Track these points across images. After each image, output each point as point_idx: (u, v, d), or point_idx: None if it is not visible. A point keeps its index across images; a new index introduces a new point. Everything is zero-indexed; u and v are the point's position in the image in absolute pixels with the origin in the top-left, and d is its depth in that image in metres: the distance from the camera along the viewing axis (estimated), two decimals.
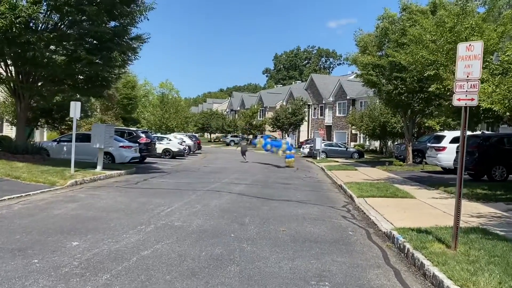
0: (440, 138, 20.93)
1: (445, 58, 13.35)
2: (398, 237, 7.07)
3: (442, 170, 20.97)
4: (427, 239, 6.67)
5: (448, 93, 13.45)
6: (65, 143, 19.23)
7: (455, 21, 13.35)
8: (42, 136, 33.23)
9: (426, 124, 32.13)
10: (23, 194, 10.51)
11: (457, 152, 17.46)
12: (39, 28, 14.87)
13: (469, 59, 6.14)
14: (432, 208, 10.47)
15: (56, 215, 8.16)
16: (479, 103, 8.96)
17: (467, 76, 6.17)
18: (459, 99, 6.26)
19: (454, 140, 19.59)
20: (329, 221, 8.90)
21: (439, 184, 15.20)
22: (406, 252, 6.45)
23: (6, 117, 23.36)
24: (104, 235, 6.68)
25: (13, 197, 10.06)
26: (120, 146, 19.80)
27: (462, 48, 6.25)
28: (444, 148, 20.04)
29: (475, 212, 9.74)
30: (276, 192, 13.25)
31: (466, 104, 6.18)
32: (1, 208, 8.69)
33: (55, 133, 28.89)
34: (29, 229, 6.93)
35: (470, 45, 6.16)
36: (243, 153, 29.49)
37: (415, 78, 21.44)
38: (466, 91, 6.16)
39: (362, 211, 10.31)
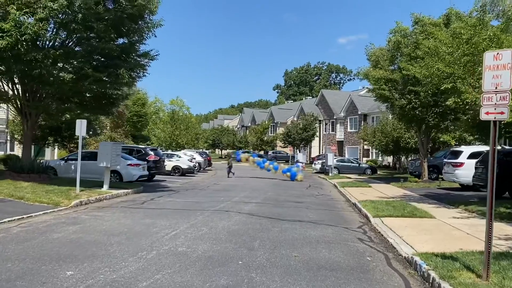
0: (457, 154, 20.20)
1: (462, 70, 12.80)
2: (421, 263, 6.46)
3: (460, 186, 20.19)
4: (454, 267, 6.06)
5: (467, 107, 12.88)
6: (73, 161, 18.94)
7: (472, 32, 12.82)
8: (53, 154, 33.17)
9: (441, 139, 31.38)
10: (25, 216, 10.12)
11: (475, 168, 16.78)
12: (46, 45, 14.69)
13: (497, 69, 5.61)
14: (454, 229, 9.81)
15: (55, 239, 7.71)
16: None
17: (496, 88, 5.63)
18: (487, 113, 5.71)
19: (472, 156, 18.89)
20: (344, 244, 8.31)
21: (459, 202, 14.49)
22: (431, 281, 5.84)
23: (16, 136, 23.22)
24: (101, 263, 6.19)
25: (14, 219, 9.67)
26: (128, 164, 19.47)
27: (489, 57, 5.72)
28: (461, 164, 19.30)
29: (502, 234, 9.06)
30: (287, 211, 12.68)
31: (495, 118, 5.63)
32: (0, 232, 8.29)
33: (65, 151, 28.79)
34: (23, 255, 6.48)
35: (498, 53, 5.63)
36: (229, 168, 29.43)
37: (429, 92, 20.86)
38: (495, 103, 5.61)
39: (379, 232, 9.70)
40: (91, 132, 24.86)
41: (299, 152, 46.85)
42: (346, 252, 7.63)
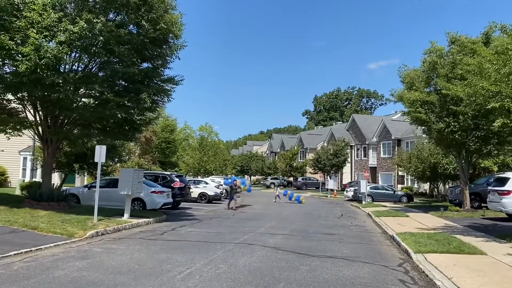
0: (503, 181, 18.49)
1: (511, 89, 11.55)
2: None
3: (507, 216, 18.43)
4: None
5: None
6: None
7: None
8: (82, 181, 33.14)
9: (482, 165, 29.45)
10: (33, 249, 9.42)
11: None
12: (66, 69, 14.39)
13: None
14: None
15: (55, 279, 6.90)
16: None
17: None
18: None
19: None
20: None
21: (510, 235, 12.92)
22: None
23: (40, 163, 23.11)
24: None
25: (21, 252, 8.98)
26: (152, 192, 18.81)
27: None
28: (509, 192, 17.57)
29: None
30: (317, 245, 11.51)
31: None
32: None
33: (91, 178, 28.60)
34: None
35: None
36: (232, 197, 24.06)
37: (469, 114, 19.45)
38: None
39: (424, 272, 8.42)
40: (116, 159, 24.51)
41: (330, 178, 45.31)
42: None
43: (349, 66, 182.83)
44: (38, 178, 27.39)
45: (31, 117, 15.91)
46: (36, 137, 16.63)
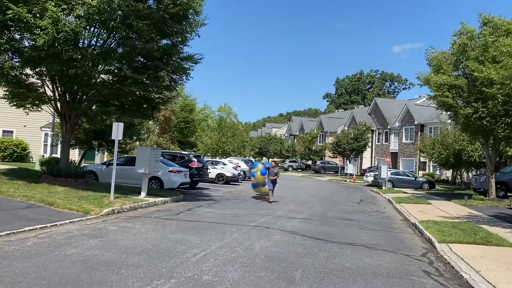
0: None
1: None
2: None
3: None
4: None
5: None
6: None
7: None
8: (102, 158, 33.39)
9: (509, 153, 28.42)
10: (49, 225, 9.33)
11: None
12: (84, 44, 14.15)
13: None
14: None
15: (67, 257, 6.73)
16: None
17: None
18: None
19: None
20: (408, 279, 6.73)
21: None
22: None
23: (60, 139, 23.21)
24: None
25: (36, 228, 8.89)
26: (170, 171, 18.68)
27: None
28: None
29: None
30: (336, 230, 11.15)
31: None
32: (13, 243, 7.45)
33: (110, 156, 28.74)
34: (21, 277, 5.50)
35: None
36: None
37: (499, 100, 18.58)
38: None
39: (449, 264, 7.99)
40: (135, 137, 24.45)
41: (349, 163, 44.64)
42: None
43: (373, 48, 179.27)
44: (58, 154, 27.63)
45: (49, 93, 15.80)
46: (54, 113, 16.53)
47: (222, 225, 10.85)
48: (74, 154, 26.23)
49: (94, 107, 16.52)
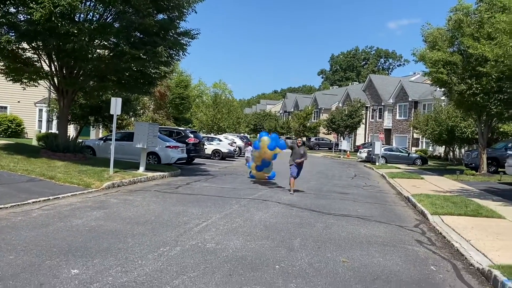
0: None
1: None
2: (504, 281, 5.16)
3: None
4: None
5: None
6: (111, 141, 18.52)
7: None
8: (98, 134, 33.39)
9: (501, 129, 28.84)
10: (51, 197, 9.52)
11: None
12: (80, 19, 14.05)
13: None
14: None
15: (73, 227, 6.96)
16: None
17: None
18: None
19: None
20: (401, 247, 7.06)
21: None
22: None
23: (56, 115, 23.18)
24: (115, 259, 5.31)
25: (39, 200, 9.08)
26: (167, 146, 18.82)
27: None
28: None
29: None
30: (332, 203, 11.47)
31: None
32: (19, 214, 7.65)
33: (106, 131, 28.77)
34: (31, 245, 5.72)
35: None
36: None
37: (493, 76, 18.78)
38: None
39: (441, 234, 8.33)
40: (131, 113, 24.45)
41: (343, 139, 44.99)
42: (404, 258, 6.39)
43: (368, 24, 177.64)
44: (53, 130, 27.61)
45: (46, 68, 15.75)
46: (51, 88, 16.51)
47: (221, 198, 11.12)
48: (70, 130, 26.24)
49: (91, 83, 16.48)
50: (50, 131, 26.83)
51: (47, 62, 15.54)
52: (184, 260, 5.48)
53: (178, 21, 16.39)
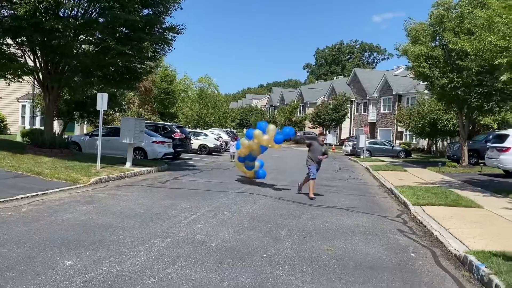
0: (503, 137, 18.59)
1: None
2: (478, 265, 5.46)
3: (504, 173, 18.70)
4: None
5: None
6: (97, 137, 18.50)
7: None
8: (82, 129, 33.15)
9: (482, 122, 29.52)
10: (40, 193, 9.58)
11: None
12: (66, 14, 14.02)
13: None
14: (508, 222, 8.66)
15: (64, 221, 7.08)
16: None
17: None
18: None
19: None
20: (383, 236, 7.35)
21: (507, 190, 13.17)
22: None
23: (40, 110, 23.03)
24: (108, 251, 5.48)
25: (28, 196, 9.13)
26: (153, 141, 18.89)
27: None
28: (508, 149, 17.71)
29: None
30: (317, 196, 11.74)
31: None
32: (8, 210, 7.73)
33: (92, 127, 28.61)
34: (24, 239, 5.84)
35: None
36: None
37: (473, 70, 19.27)
38: None
39: (421, 223, 8.67)
40: (117, 108, 24.40)
41: (329, 133, 45.49)
42: (386, 246, 6.69)
43: (353, 18, 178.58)
44: (37, 126, 27.36)
45: (31, 63, 15.67)
46: (36, 83, 16.43)
47: (209, 192, 11.31)
48: (54, 126, 26.05)
49: (76, 78, 16.45)
50: (34, 127, 26.60)
51: (32, 58, 15.46)
52: (174, 250, 5.68)
53: (163, 16, 16.43)
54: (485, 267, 5.34)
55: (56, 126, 26.50)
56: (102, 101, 13.47)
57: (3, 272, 4.53)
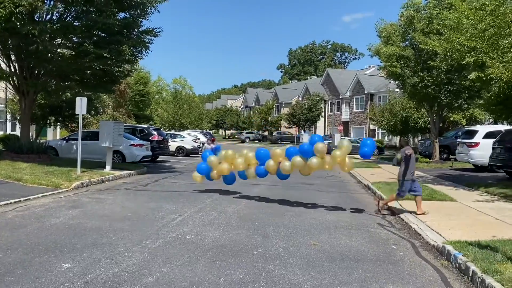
0: (472, 133, 19.43)
1: (486, 44, 11.97)
2: (455, 254, 5.83)
3: (473, 167, 19.51)
4: (495, 259, 5.42)
5: (491, 82, 12.11)
6: (75, 141, 18.23)
7: (497, 3, 11.92)
8: (55, 134, 32.57)
9: (451, 119, 30.59)
10: (22, 199, 9.52)
11: (493, 148, 16.04)
12: (43, 19, 13.87)
13: None
14: (480, 214, 9.15)
15: (52, 226, 7.12)
16: None
17: None
18: None
19: (488, 136, 18.13)
20: (365, 230, 7.69)
21: (477, 184, 13.82)
22: (471, 275, 5.21)
23: (17, 115, 22.54)
24: (102, 253, 5.59)
25: (10, 203, 9.07)
26: (131, 145, 18.81)
27: None
28: (477, 144, 18.53)
29: None
30: (299, 194, 12.07)
31: None
32: None
33: (66, 131, 28.16)
34: (16, 244, 5.88)
35: None
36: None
37: (443, 69, 20.03)
38: None
39: (399, 217, 9.09)
40: (92, 112, 24.13)
41: (304, 132, 46.07)
42: (368, 239, 7.02)
43: (324, 18, 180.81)
44: (9, 131, 26.74)
45: (5, 68, 15.40)
46: (11, 88, 16.16)
47: (193, 193, 11.45)
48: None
49: (53, 82, 16.26)
50: (8, 132, 25.99)
51: (6, 63, 15.20)
52: (168, 250, 5.84)
53: (141, 19, 16.43)
54: (462, 255, 5.71)
55: (30, 131, 26.03)
56: (81, 105, 13.40)
57: (2, 277, 4.60)
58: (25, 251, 5.57)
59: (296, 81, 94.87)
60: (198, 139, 31.96)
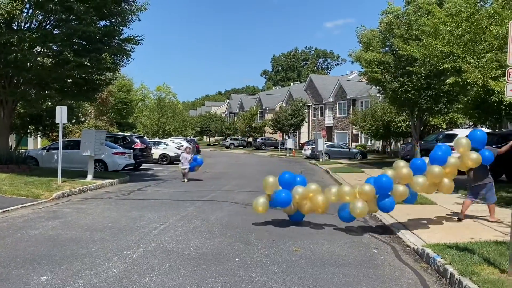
0: (451, 137, 19.68)
1: (462, 49, 12.26)
2: (434, 257, 5.93)
3: None
4: (472, 261, 5.53)
5: (467, 87, 12.39)
6: (55, 150, 18.01)
7: (472, 10, 12.25)
8: (36, 144, 32.01)
9: (432, 123, 31.12)
10: (0, 211, 9.35)
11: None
12: (21, 27, 13.71)
13: None
14: None
15: (31, 237, 7.00)
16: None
17: None
18: None
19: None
20: (347, 235, 7.76)
21: (457, 187, 13.96)
22: (449, 277, 5.30)
23: None
24: (82, 264, 5.53)
25: None
26: (113, 153, 18.63)
27: None
28: None
29: None
30: None
31: None
32: None
33: (47, 140, 27.74)
34: None
35: None
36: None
37: (422, 74, 20.40)
38: None
39: (381, 221, 9.19)
40: (74, 120, 23.85)
41: (288, 138, 46.25)
42: (350, 244, 7.08)
43: (306, 24, 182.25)
44: None
45: None
46: None
47: (175, 201, 11.39)
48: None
49: (33, 91, 16.04)
50: None
51: None
52: (148, 260, 5.80)
53: (121, 27, 16.36)
54: (440, 258, 5.81)
55: (9, 141, 25.58)
56: (61, 114, 13.24)
57: None
58: (2, 264, 5.47)
59: (280, 87, 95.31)
60: (182, 146, 31.80)
